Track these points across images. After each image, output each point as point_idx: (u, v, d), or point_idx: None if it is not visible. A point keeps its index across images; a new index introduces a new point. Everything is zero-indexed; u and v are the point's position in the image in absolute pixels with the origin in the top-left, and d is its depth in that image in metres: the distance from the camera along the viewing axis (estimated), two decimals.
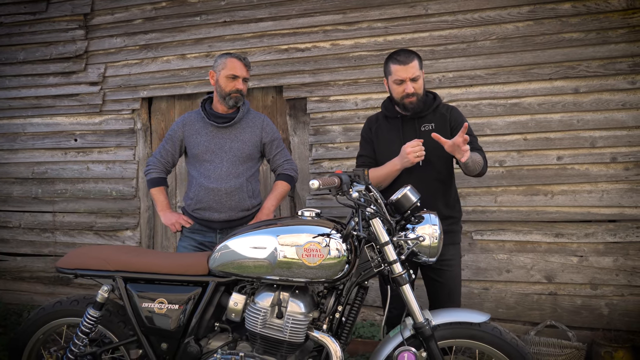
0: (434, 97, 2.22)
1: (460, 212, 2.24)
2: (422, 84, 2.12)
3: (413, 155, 1.99)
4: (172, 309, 1.88)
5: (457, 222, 2.20)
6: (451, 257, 2.12)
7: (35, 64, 3.90)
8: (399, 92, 2.10)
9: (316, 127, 3.35)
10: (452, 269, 2.13)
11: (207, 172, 2.35)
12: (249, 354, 1.80)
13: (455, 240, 2.18)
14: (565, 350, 2.65)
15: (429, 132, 2.08)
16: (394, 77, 2.10)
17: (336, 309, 1.81)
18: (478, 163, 2.05)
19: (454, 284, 2.14)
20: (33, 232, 3.96)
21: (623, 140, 2.82)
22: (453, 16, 3.06)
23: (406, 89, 2.07)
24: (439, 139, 1.94)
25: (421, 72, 2.11)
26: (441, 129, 2.12)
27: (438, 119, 2.16)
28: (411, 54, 2.10)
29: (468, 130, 2.03)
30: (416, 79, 2.08)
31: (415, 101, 2.10)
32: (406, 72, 2.06)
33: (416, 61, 2.09)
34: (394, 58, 2.11)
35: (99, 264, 1.97)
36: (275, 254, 1.73)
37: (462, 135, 1.87)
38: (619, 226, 2.83)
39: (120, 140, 3.76)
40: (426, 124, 2.15)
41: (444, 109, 2.19)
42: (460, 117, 2.18)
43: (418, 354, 1.68)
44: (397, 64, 2.08)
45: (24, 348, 2.09)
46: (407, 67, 2.06)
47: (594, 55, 2.85)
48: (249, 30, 3.44)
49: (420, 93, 2.11)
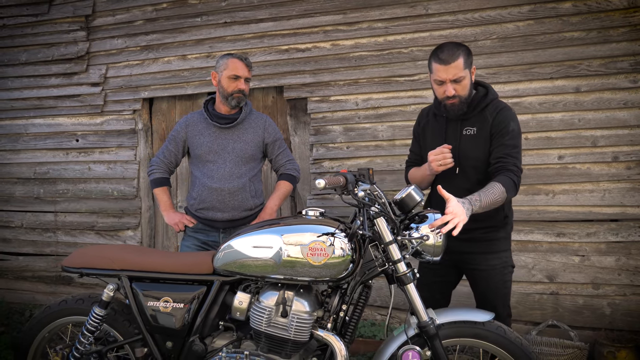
0: (485, 94, 1.94)
1: (504, 219, 1.99)
2: (467, 84, 1.87)
3: (436, 164, 1.86)
4: (177, 308, 1.88)
5: (497, 230, 1.97)
6: (488, 267, 1.96)
7: (37, 65, 3.91)
8: (439, 92, 1.91)
9: (317, 127, 3.36)
10: (487, 278, 1.96)
11: (210, 172, 2.36)
12: (254, 353, 1.81)
13: (492, 249, 1.97)
14: (567, 350, 2.65)
15: (470, 137, 1.91)
16: (434, 76, 1.89)
17: (340, 308, 1.81)
18: (495, 203, 1.77)
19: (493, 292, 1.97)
20: (35, 231, 3.97)
21: (625, 139, 2.83)
22: (453, 16, 3.07)
23: (446, 91, 1.86)
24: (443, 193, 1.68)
25: (467, 72, 1.86)
26: (483, 134, 1.91)
27: (482, 123, 1.92)
28: (456, 50, 1.84)
29: (508, 138, 1.86)
30: (459, 80, 1.84)
31: (458, 103, 1.88)
32: (446, 73, 1.83)
33: (460, 59, 1.83)
34: (436, 55, 1.87)
35: (104, 263, 1.97)
36: (280, 253, 1.74)
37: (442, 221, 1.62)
38: (621, 225, 2.84)
39: (122, 141, 3.76)
40: (468, 127, 1.93)
41: (490, 111, 1.92)
42: (504, 122, 1.89)
43: (422, 353, 1.68)
44: (438, 62, 1.85)
45: (30, 346, 2.09)
46: (448, 68, 1.82)
47: (595, 54, 2.86)
48: (249, 30, 3.45)
49: (464, 95, 1.88)
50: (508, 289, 2.02)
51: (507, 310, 2.04)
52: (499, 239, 1.99)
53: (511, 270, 2.03)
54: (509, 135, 1.89)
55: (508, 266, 2.01)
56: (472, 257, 1.99)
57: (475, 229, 1.93)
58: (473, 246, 1.97)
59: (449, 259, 2.01)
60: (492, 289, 1.98)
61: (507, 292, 2.02)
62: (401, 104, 3.19)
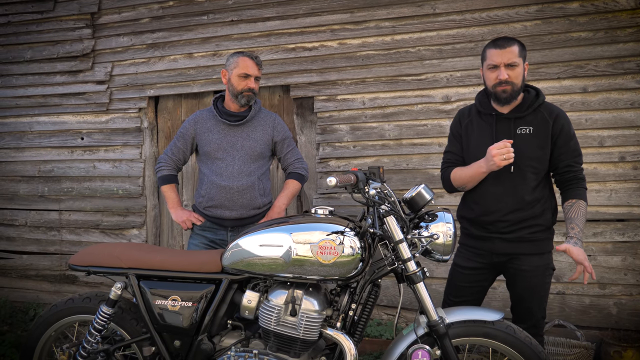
0: (536, 95, 1.95)
1: (549, 220, 1.97)
2: (520, 73, 1.88)
3: (499, 158, 1.79)
4: (185, 307, 1.88)
5: (543, 230, 1.95)
6: (531, 267, 1.94)
7: (42, 62, 3.90)
8: (491, 79, 1.89)
9: (323, 126, 3.35)
10: (528, 279, 1.94)
11: (219, 170, 2.36)
12: (262, 352, 1.80)
13: (538, 249, 1.94)
14: (574, 349, 2.65)
15: (526, 136, 1.89)
16: (488, 62, 1.90)
17: (350, 307, 1.81)
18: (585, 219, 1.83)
19: (530, 293, 1.96)
20: (39, 230, 3.97)
21: (631, 140, 2.82)
22: (461, 15, 3.06)
23: (499, 75, 1.85)
24: (560, 248, 1.76)
25: (521, 62, 1.88)
26: (541, 135, 1.89)
27: (539, 123, 1.90)
28: (512, 40, 1.89)
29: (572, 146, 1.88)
30: (513, 66, 1.85)
31: (510, 91, 1.87)
32: (501, 57, 1.85)
33: (516, 47, 1.87)
34: (492, 42, 1.91)
35: (111, 261, 1.97)
36: (289, 251, 1.73)
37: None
38: (628, 225, 2.84)
39: (127, 139, 3.76)
40: (524, 127, 1.91)
41: (546, 112, 1.92)
42: (566, 126, 1.89)
43: (432, 352, 1.68)
44: (493, 47, 1.88)
45: (36, 345, 2.09)
46: (504, 52, 1.84)
47: (602, 54, 2.85)
48: (256, 29, 3.44)
49: (517, 83, 1.87)
50: (547, 290, 1.99)
51: (543, 313, 2.00)
52: (544, 240, 1.97)
53: (551, 273, 2.00)
54: (573, 140, 1.91)
55: (549, 268, 1.99)
56: (517, 257, 1.95)
57: (523, 228, 1.93)
58: (520, 247, 1.94)
59: (488, 262, 2.00)
60: (531, 290, 1.96)
61: (545, 294, 1.99)
62: (408, 103, 3.18)
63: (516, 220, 1.93)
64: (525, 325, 1.93)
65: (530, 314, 1.97)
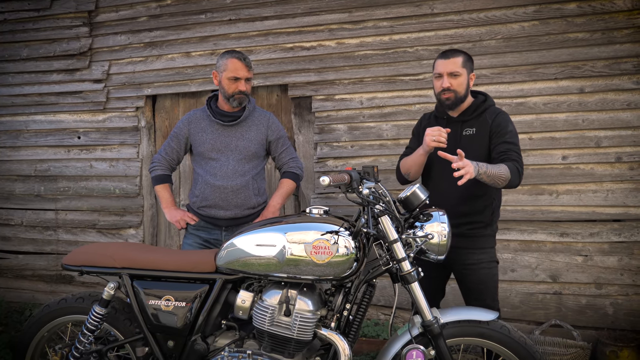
0: (484, 100, 2.11)
1: (493, 217, 2.10)
2: (463, 82, 2.04)
3: (429, 138, 1.93)
4: (179, 307, 1.87)
5: (484, 227, 2.08)
6: (476, 261, 2.05)
7: (38, 61, 3.89)
8: (437, 86, 2.07)
9: (321, 125, 3.35)
10: (478, 270, 2.04)
11: (213, 170, 2.35)
12: (256, 352, 1.79)
13: (478, 245, 2.06)
14: (570, 349, 2.65)
15: (470, 137, 2.05)
16: (435, 71, 2.08)
17: (344, 306, 1.80)
18: (499, 178, 1.88)
19: (482, 285, 2.05)
20: (35, 230, 3.95)
21: (628, 140, 2.82)
22: (459, 15, 3.06)
23: (442, 83, 2.03)
24: (445, 156, 1.83)
25: (464, 71, 2.04)
26: (481, 135, 2.05)
27: (481, 125, 2.07)
28: (458, 51, 2.07)
29: (508, 137, 2.00)
30: (455, 75, 2.02)
31: (453, 98, 2.03)
32: (445, 67, 2.03)
33: (460, 58, 2.03)
34: (441, 53, 2.09)
35: (105, 261, 1.96)
36: (284, 251, 1.73)
37: (456, 161, 1.76)
38: (624, 226, 2.83)
39: (124, 138, 3.75)
40: (468, 128, 2.08)
41: (489, 114, 2.07)
42: (502, 123, 2.04)
43: (426, 352, 1.67)
44: (440, 58, 2.07)
45: (29, 346, 2.07)
46: (448, 62, 2.02)
47: (599, 55, 2.85)
48: (254, 28, 3.44)
49: (460, 91, 2.04)
50: (496, 282, 2.10)
51: (497, 305, 2.08)
52: (485, 236, 2.09)
53: (496, 266, 2.12)
54: (509, 134, 2.03)
55: (493, 261, 2.11)
56: (459, 252, 2.04)
57: (463, 224, 2.03)
58: (460, 241, 2.01)
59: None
60: (481, 283, 2.06)
61: (495, 286, 2.10)
62: (406, 103, 3.18)
63: (459, 214, 2.01)
64: None
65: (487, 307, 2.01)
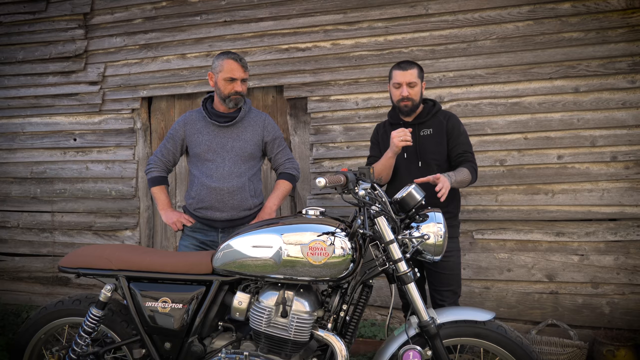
0: (433, 104, 2.39)
1: (458, 208, 2.38)
2: (418, 91, 2.30)
3: (397, 139, 2.13)
4: (175, 308, 1.87)
5: (453, 218, 2.33)
6: (447, 249, 2.18)
7: (34, 63, 3.88)
8: (396, 95, 2.31)
9: (317, 126, 3.35)
10: (449, 259, 2.25)
11: (209, 171, 2.35)
12: (253, 353, 1.80)
13: (452, 234, 2.31)
14: (566, 349, 2.66)
15: (427, 137, 2.30)
16: (393, 80, 2.32)
17: (341, 307, 1.80)
18: (464, 182, 2.20)
19: (451, 273, 2.29)
20: (31, 232, 3.94)
21: (623, 139, 2.83)
22: (453, 16, 3.07)
23: (402, 92, 2.27)
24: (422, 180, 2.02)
25: (419, 81, 2.30)
26: (438, 134, 2.31)
27: (437, 125, 2.32)
28: (412, 63, 2.33)
29: (462, 140, 2.29)
30: (412, 85, 2.27)
31: (411, 105, 2.29)
32: (404, 77, 2.27)
33: (415, 70, 2.29)
34: (397, 65, 2.33)
35: (101, 263, 1.96)
36: (280, 252, 1.73)
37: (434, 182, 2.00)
38: (620, 225, 2.85)
39: (120, 140, 3.74)
40: (425, 129, 2.33)
41: (442, 116, 2.35)
42: (456, 126, 2.32)
43: (423, 353, 1.68)
44: (398, 69, 2.31)
45: (25, 348, 2.07)
46: (405, 73, 2.27)
47: (593, 54, 2.86)
48: (249, 29, 3.44)
49: (416, 99, 2.29)
50: (460, 270, 2.37)
51: (460, 291, 2.36)
52: (453, 226, 2.33)
53: (459, 255, 2.38)
54: (462, 136, 2.32)
55: (459, 250, 2.37)
56: None
57: None
58: None
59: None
60: (451, 269, 2.28)
61: (460, 273, 2.36)
62: None
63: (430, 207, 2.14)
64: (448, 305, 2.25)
65: (457, 295, 2.31)
